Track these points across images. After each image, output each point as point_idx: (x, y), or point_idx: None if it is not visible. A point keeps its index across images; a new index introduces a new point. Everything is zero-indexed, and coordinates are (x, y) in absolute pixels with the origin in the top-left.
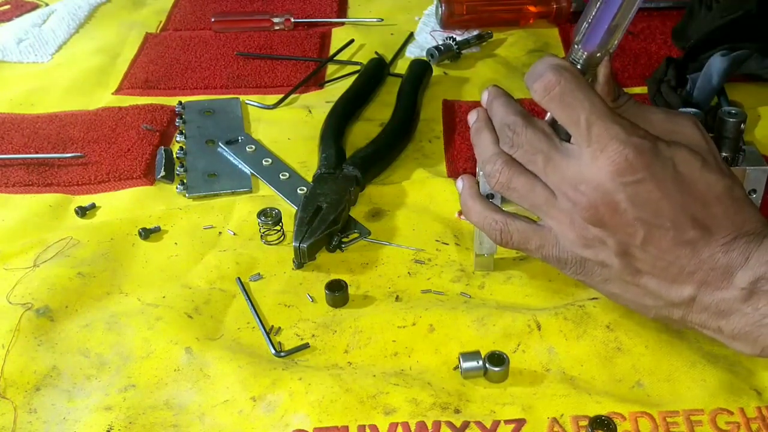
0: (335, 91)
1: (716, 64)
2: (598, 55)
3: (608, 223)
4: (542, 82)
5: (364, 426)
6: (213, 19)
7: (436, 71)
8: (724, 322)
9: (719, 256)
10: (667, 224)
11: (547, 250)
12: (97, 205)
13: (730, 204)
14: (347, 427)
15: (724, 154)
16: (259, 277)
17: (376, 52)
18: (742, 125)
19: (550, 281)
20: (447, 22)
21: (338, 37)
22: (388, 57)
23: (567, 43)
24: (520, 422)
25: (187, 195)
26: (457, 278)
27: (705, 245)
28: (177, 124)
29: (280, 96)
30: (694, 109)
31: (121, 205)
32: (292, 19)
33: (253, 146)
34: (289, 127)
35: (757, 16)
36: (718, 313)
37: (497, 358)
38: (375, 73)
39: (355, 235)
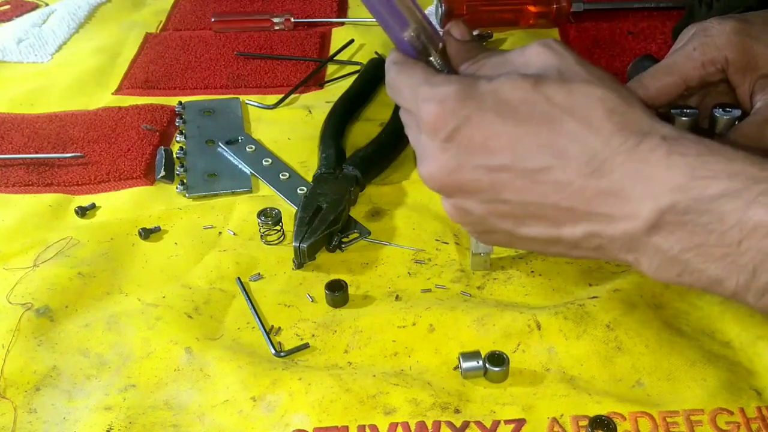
0: (335, 91)
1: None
2: (411, 34)
3: (451, 186)
4: (387, 85)
5: (364, 426)
6: (213, 19)
7: None
8: (638, 256)
9: (596, 180)
10: (507, 162)
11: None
12: (97, 205)
13: (590, 112)
14: (347, 427)
15: None
16: (259, 277)
17: (376, 52)
18: (736, 122)
19: (550, 280)
20: (447, 22)
21: (338, 37)
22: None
23: (567, 43)
24: (520, 422)
25: (187, 195)
26: (457, 278)
27: (570, 173)
28: (177, 124)
29: (280, 96)
30: (691, 109)
31: (121, 205)
32: (292, 19)
33: (253, 146)
34: (289, 127)
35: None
36: (627, 249)
37: (497, 358)
38: (375, 73)
39: (355, 235)
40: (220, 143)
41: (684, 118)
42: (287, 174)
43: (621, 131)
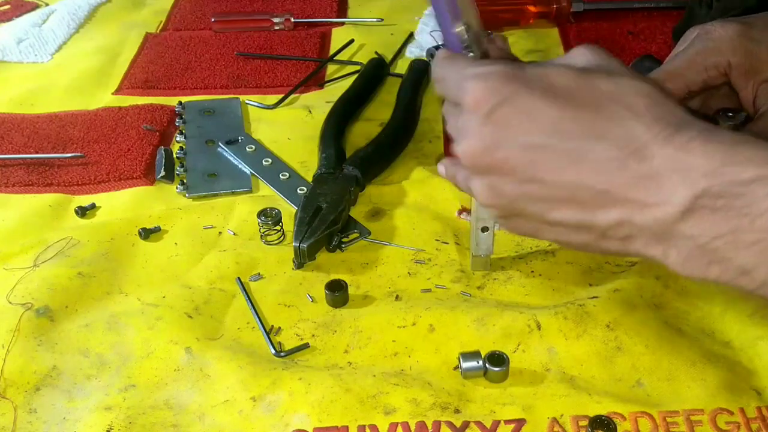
0: (335, 91)
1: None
2: (461, 29)
3: (489, 162)
4: (434, 79)
5: (364, 426)
6: (213, 19)
7: None
8: (666, 247)
9: (635, 163)
10: (548, 141)
11: (469, 192)
12: (97, 205)
13: (632, 100)
14: (347, 427)
15: None
16: (259, 277)
17: (376, 52)
18: (738, 127)
19: (550, 280)
20: None
21: (338, 37)
22: (388, 57)
23: (567, 43)
24: (520, 422)
25: (187, 195)
26: (457, 278)
27: (610, 154)
28: (177, 124)
29: (280, 96)
30: (739, 113)
31: (121, 205)
32: (292, 19)
33: (253, 146)
34: (289, 127)
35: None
36: (657, 237)
37: (497, 358)
38: (375, 73)
39: (355, 235)
40: (220, 143)
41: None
42: (287, 174)
43: (661, 120)
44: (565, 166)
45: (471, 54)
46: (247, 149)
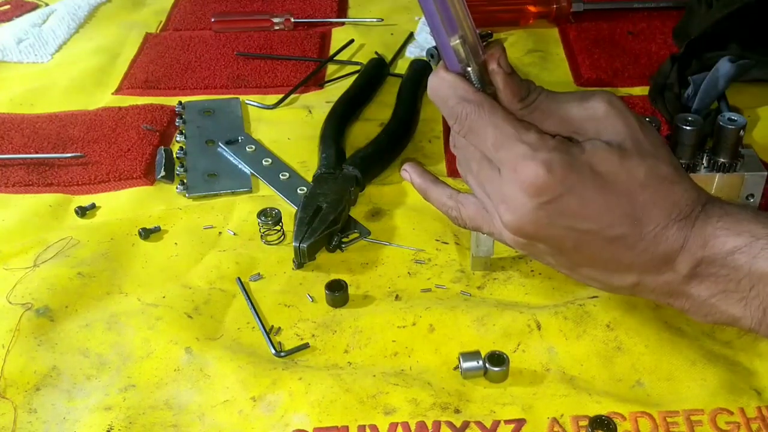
0: (335, 91)
1: (724, 67)
2: (457, 41)
3: (535, 236)
4: (454, 119)
5: (364, 426)
6: (213, 19)
7: None
8: (673, 300)
9: (655, 245)
10: (595, 228)
11: (497, 237)
12: (97, 205)
13: (657, 187)
14: (347, 427)
15: (721, 160)
16: (259, 277)
17: (376, 52)
18: (741, 132)
19: (550, 279)
20: None
21: (338, 37)
22: (388, 57)
23: (567, 44)
24: (520, 422)
25: (187, 195)
26: (457, 278)
27: (638, 239)
28: (177, 124)
29: (280, 96)
30: (694, 115)
31: (121, 205)
32: (292, 19)
33: (253, 146)
34: (289, 127)
35: (756, 9)
36: (665, 294)
37: (497, 358)
38: (375, 73)
39: (355, 235)
40: (220, 143)
41: (688, 128)
42: (287, 174)
43: (676, 205)
44: (603, 247)
45: (469, 68)
46: (247, 149)
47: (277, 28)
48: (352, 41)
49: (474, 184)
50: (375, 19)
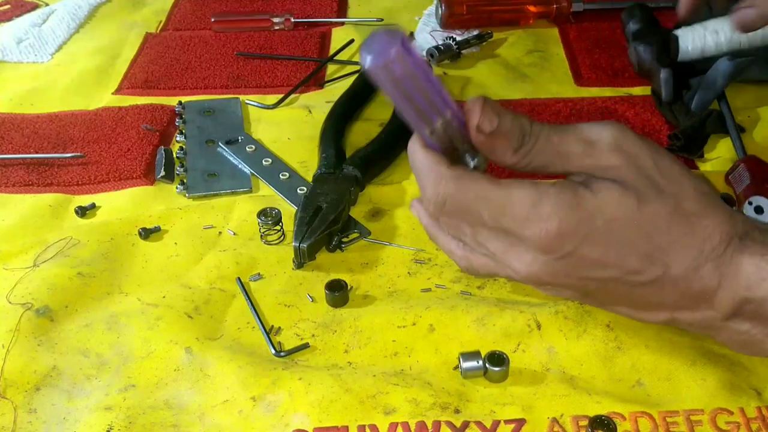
0: (335, 91)
1: (723, 66)
2: (434, 131)
3: (557, 284)
4: (434, 205)
5: (364, 426)
6: (213, 19)
7: (436, 71)
8: (713, 334)
9: (687, 285)
10: (617, 275)
11: (516, 282)
12: (97, 205)
13: (682, 226)
14: (347, 427)
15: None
16: (259, 277)
17: None
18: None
19: None
20: (447, 22)
21: (338, 37)
22: None
23: (567, 44)
24: (520, 422)
25: (187, 195)
26: (457, 278)
27: (666, 281)
28: (177, 124)
29: (280, 96)
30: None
31: (121, 205)
32: (292, 19)
33: (253, 146)
34: (289, 127)
35: None
36: (704, 328)
37: (497, 358)
38: None
39: (355, 235)
40: (220, 143)
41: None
42: (287, 174)
43: (707, 241)
44: (629, 290)
45: (458, 149)
46: (247, 149)
47: (277, 28)
48: (352, 41)
49: (472, 246)
50: (375, 19)
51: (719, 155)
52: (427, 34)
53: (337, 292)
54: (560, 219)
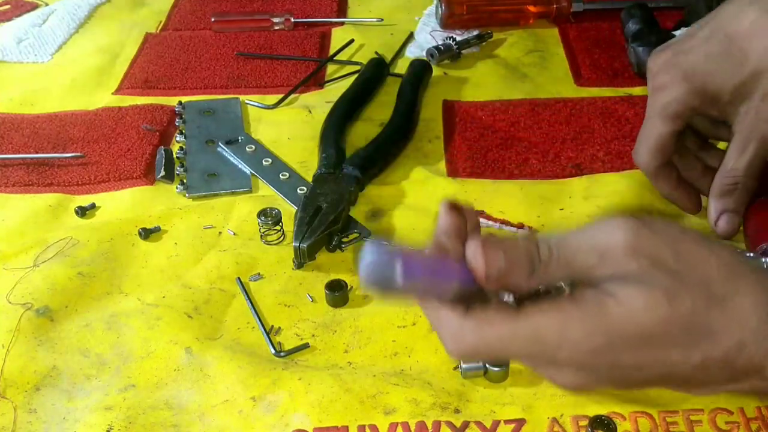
0: (335, 91)
1: None
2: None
3: (604, 387)
4: (458, 358)
5: (364, 426)
6: (213, 19)
7: (436, 71)
8: (761, 397)
9: (733, 363)
10: (659, 369)
11: None
12: (97, 205)
13: (718, 310)
14: (347, 427)
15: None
16: (259, 277)
17: (376, 52)
18: None
19: None
20: (447, 22)
21: (338, 37)
22: (388, 57)
23: (567, 44)
24: (520, 422)
25: (187, 195)
26: None
27: (711, 364)
28: (177, 124)
29: (280, 96)
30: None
31: (121, 205)
32: (292, 19)
33: (253, 146)
34: (289, 127)
35: None
36: (755, 394)
37: None
38: (375, 73)
39: (355, 235)
40: (220, 143)
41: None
42: (287, 174)
43: (747, 321)
44: (668, 383)
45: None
46: (247, 149)
47: (277, 28)
48: (352, 41)
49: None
50: (375, 19)
51: None
52: (427, 34)
53: (338, 292)
54: (591, 340)
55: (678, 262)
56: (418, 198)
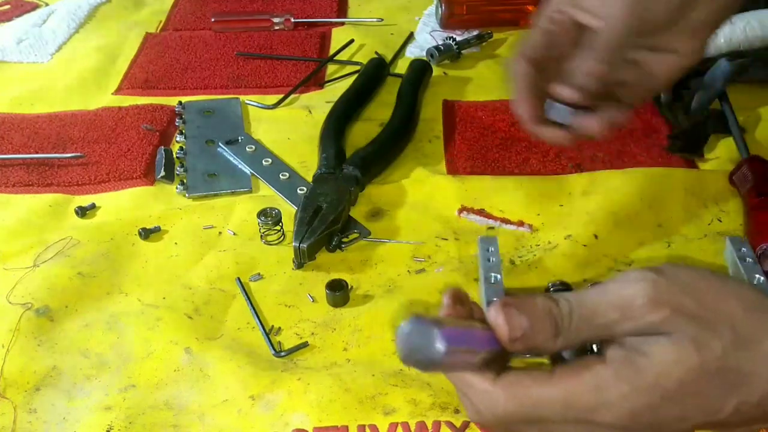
0: (335, 91)
1: (722, 67)
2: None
3: None
4: (490, 425)
5: (364, 426)
6: (213, 19)
7: (436, 71)
8: None
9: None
10: (700, 418)
11: None
12: (97, 205)
13: (748, 352)
14: (347, 426)
15: None
16: (259, 277)
17: (376, 52)
18: None
19: (550, 276)
20: (447, 22)
21: (338, 37)
22: (388, 57)
23: None
24: None
25: (187, 195)
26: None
27: (748, 407)
28: (177, 124)
29: (280, 96)
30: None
31: (121, 205)
32: (292, 19)
33: (253, 146)
34: (289, 127)
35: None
36: None
37: None
38: (375, 73)
39: (355, 235)
40: (220, 143)
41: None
42: (287, 174)
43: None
44: (708, 424)
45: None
46: (247, 149)
47: (277, 28)
48: (352, 41)
49: None
50: (375, 19)
51: (719, 155)
52: (427, 34)
53: (338, 292)
54: (629, 401)
55: (700, 307)
56: (418, 197)
